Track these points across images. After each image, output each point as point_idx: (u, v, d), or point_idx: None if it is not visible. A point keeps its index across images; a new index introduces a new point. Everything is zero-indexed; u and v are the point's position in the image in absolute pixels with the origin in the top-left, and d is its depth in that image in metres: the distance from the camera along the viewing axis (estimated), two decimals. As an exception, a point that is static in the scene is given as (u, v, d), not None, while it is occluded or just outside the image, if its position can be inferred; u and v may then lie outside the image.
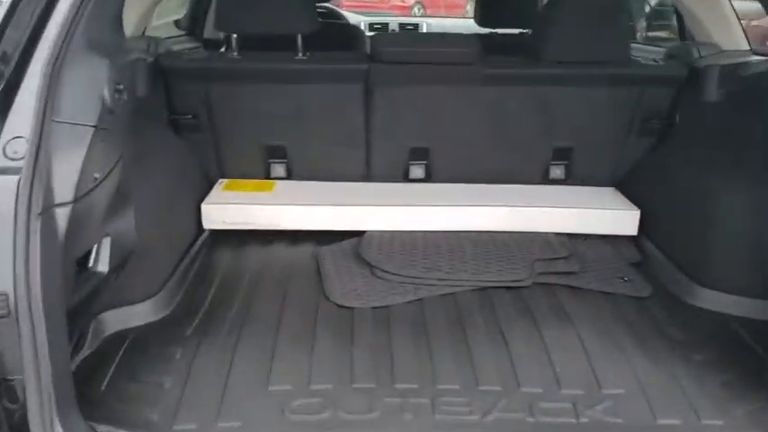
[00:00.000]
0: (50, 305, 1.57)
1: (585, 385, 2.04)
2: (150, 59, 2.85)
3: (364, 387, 2.02)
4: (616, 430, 1.87)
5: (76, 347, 2.11)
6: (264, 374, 2.06)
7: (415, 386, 2.02)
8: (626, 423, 1.89)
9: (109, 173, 1.95)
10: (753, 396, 1.99)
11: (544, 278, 2.67)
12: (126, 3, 2.16)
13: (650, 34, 5.04)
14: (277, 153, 3.24)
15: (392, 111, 3.12)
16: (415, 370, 2.10)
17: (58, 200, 1.64)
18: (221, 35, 3.85)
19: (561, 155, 3.24)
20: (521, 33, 4.33)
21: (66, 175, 1.68)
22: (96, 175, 1.85)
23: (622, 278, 2.71)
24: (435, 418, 1.90)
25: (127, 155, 2.08)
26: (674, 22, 4.13)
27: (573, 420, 1.90)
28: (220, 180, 3.27)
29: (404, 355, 2.17)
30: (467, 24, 5.21)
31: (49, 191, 1.59)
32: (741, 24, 3.06)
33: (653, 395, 1.99)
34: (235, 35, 3.05)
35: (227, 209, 3.02)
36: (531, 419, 1.90)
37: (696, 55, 3.01)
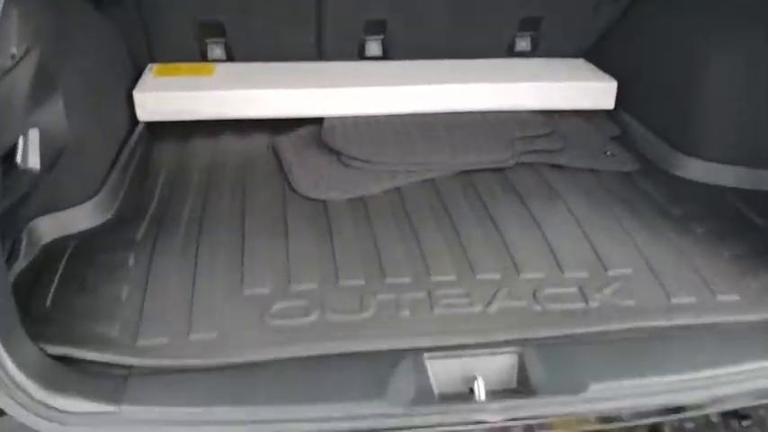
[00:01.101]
0: None
1: (589, 267, 1.89)
2: None
3: (352, 284, 1.80)
4: (629, 314, 1.72)
5: (10, 258, 1.79)
6: (236, 277, 1.81)
7: (408, 280, 1.82)
8: (639, 305, 1.75)
9: (28, 49, 1.60)
10: (764, 269, 1.87)
11: (527, 157, 2.48)
12: None
13: None
14: (214, 31, 2.85)
15: None
16: (405, 262, 1.88)
17: None
18: None
19: (528, 25, 2.98)
20: None
21: None
22: (13, 51, 1.52)
23: (605, 152, 2.55)
24: (435, 312, 1.71)
25: (47, 29, 1.71)
26: None
27: (582, 305, 1.75)
28: (150, 65, 2.87)
29: (391, 247, 1.95)
30: None
31: None
32: None
33: (662, 273, 1.86)
34: None
35: (164, 96, 2.64)
36: (537, 307, 1.73)
37: None
